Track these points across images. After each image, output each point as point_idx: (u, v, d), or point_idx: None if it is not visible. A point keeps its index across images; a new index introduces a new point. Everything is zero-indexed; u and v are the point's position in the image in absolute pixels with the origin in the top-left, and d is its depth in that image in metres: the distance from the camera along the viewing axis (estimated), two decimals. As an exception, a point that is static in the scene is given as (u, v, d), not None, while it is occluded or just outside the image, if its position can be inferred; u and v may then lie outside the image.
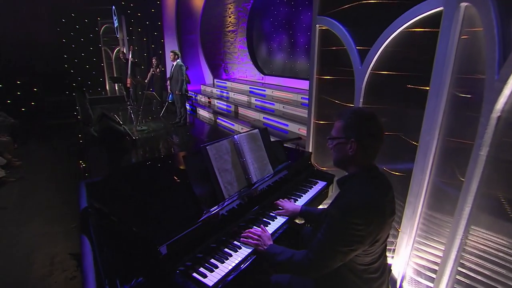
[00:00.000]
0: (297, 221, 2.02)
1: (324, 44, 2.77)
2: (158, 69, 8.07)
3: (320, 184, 2.38)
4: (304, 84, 7.61)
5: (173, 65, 6.67)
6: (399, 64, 2.14)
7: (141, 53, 10.34)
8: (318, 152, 3.01)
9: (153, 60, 8.09)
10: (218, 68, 10.93)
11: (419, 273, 1.92)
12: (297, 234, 1.92)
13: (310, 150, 3.04)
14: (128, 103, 8.88)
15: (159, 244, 1.33)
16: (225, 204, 1.69)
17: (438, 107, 1.72)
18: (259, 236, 1.58)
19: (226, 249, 1.58)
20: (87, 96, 9.14)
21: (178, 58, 6.65)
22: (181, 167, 2.30)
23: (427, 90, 1.81)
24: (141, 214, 1.60)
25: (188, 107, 8.43)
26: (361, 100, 2.35)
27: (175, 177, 2.11)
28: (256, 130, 2.13)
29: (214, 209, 1.62)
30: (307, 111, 3.04)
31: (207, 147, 1.72)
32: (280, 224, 1.83)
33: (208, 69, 10.60)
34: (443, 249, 1.65)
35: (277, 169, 2.18)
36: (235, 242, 1.64)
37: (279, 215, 1.88)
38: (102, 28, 10.56)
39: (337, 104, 2.69)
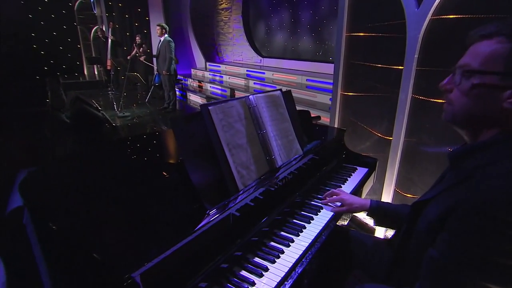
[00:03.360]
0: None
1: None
2: (141, 48, 7.32)
3: (361, 171, 1.81)
4: (307, 66, 7.02)
5: (160, 40, 5.97)
6: (475, 3, 1.56)
7: (123, 32, 9.51)
8: (348, 132, 2.44)
9: (137, 38, 7.33)
10: (211, 50, 10.23)
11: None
12: (345, 241, 1.35)
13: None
14: (109, 88, 8.12)
15: (129, 272, 0.74)
16: (240, 199, 1.11)
17: None
18: None
19: (243, 273, 1.00)
20: (61, 81, 8.33)
21: (166, 33, 5.95)
22: (171, 149, 1.70)
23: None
24: (103, 221, 1.00)
25: (177, 92, 7.75)
26: (415, 56, 1.77)
27: (161, 161, 1.51)
28: (278, 92, 1.54)
29: (222, 209, 1.03)
30: (313, 94, 2.45)
31: (209, 108, 1.12)
32: (322, 225, 1.26)
33: (199, 52, 9.90)
34: None
35: (307, 149, 1.60)
36: (257, 260, 1.05)
37: (337, 211, 1.32)
38: (77, 4, 9.62)
39: (372, 69, 2.11)
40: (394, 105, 1.92)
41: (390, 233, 2.07)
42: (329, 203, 1.36)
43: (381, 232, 2.16)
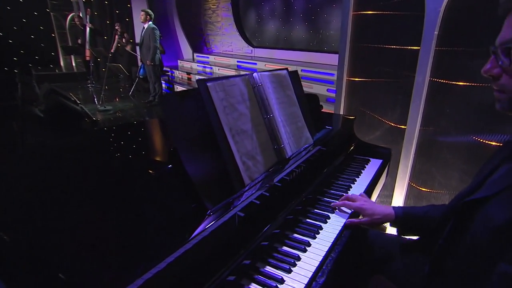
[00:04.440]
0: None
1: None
2: (124, 38, 6.99)
3: (375, 163, 1.67)
4: (301, 56, 6.88)
5: (143, 28, 5.69)
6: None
7: (103, 20, 9.07)
8: (355, 121, 2.29)
9: (116, 26, 6.96)
10: (199, 41, 9.95)
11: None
12: (364, 242, 1.20)
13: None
14: (89, 80, 7.74)
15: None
16: (246, 196, 0.94)
17: None
18: None
19: (253, 287, 0.83)
20: (33, 72, 7.86)
21: (150, 20, 5.67)
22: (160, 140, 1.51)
23: None
24: (74, 230, 0.81)
25: (164, 85, 7.47)
26: (435, 33, 1.63)
27: (147, 156, 1.32)
28: (285, 71, 1.37)
29: (226, 208, 0.87)
30: (309, 84, 2.32)
31: (208, 84, 0.94)
32: (342, 225, 1.10)
33: (186, 42, 9.61)
34: None
35: (317, 138, 1.44)
36: (269, 271, 0.89)
37: (355, 224, 1.14)
38: (49, -12, 9.07)
39: (382, 52, 1.97)
40: (409, 91, 1.78)
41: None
42: (340, 209, 1.19)
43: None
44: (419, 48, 1.69)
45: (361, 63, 2.20)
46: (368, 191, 1.39)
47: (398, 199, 1.96)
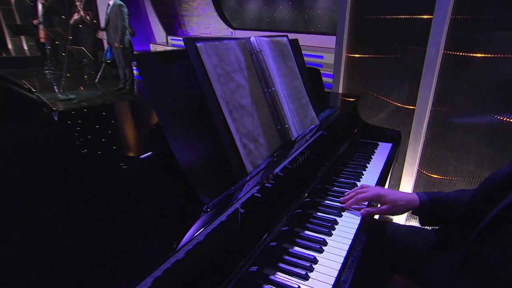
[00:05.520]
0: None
1: None
2: (88, 16, 6.53)
3: (384, 148, 1.57)
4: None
5: (108, 5, 5.32)
6: None
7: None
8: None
9: (76, 1, 6.47)
10: (173, 22, 9.58)
11: None
12: (382, 237, 1.10)
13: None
14: (46, 66, 7.20)
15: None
16: (249, 186, 0.79)
17: None
18: None
19: (266, 300, 0.70)
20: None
21: (116, -5, 5.32)
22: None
23: None
24: (26, 242, 0.63)
25: (135, 71, 7.11)
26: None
27: (117, 147, 1.14)
28: (285, 38, 1.22)
29: (226, 202, 0.72)
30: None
31: (197, 44, 0.78)
32: (361, 217, 0.99)
33: (159, 24, 9.22)
34: None
35: (322, 118, 1.32)
36: (281, 279, 0.76)
37: (373, 213, 1.01)
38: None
39: (387, 23, 1.86)
40: (418, 66, 1.69)
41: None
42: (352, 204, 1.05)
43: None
44: (431, 17, 1.59)
45: (362, 37, 2.09)
46: (382, 179, 1.29)
47: (407, 188, 1.88)
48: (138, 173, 0.78)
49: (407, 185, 1.88)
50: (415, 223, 1.86)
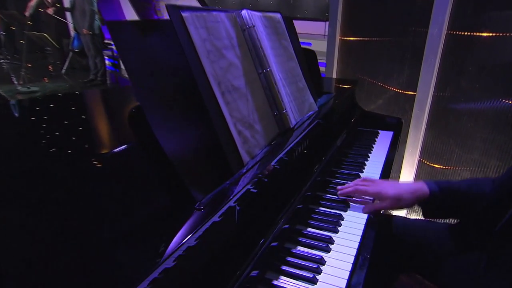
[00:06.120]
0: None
1: None
2: (50, -1, 6.22)
3: (385, 136, 1.55)
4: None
5: (74, -15, 5.09)
6: None
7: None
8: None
9: None
10: (147, 8, 9.31)
11: None
12: (388, 232, 1.07)
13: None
14: (1, 55, 6.81)
15: None
16: (246, 179, 0.73)
17: None
18: None
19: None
20: None
21: (82, -24, 5.08)
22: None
23: None
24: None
25: (107, 61, 6.86)
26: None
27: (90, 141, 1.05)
28: (278, 15, 1.16)
29: (221, 199, 0.66)
30: None
31: (183, 14, 0.70)
32: (364, 224, 0.94)
33: (131, 9, 8.94)
34: None
35: (320, 104, 1.27)
36: (283, 284, 0.70)
37: (377, 209, 0.96)
38: None
39: (384, 2, 1.83)
40: (419, 49, 1.67)
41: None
42: (355, 198, 1.01)
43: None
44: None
45: (357, 19, 2.05)
46: (386, 169, 1.26)
47: (407, 179, 1.87)
48: (115, 169, 0.70)
49: (407, 176, 1.87)
50: (416, 216, 1.86)
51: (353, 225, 0.91)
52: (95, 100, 1.32)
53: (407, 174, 1.87)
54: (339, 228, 0.89)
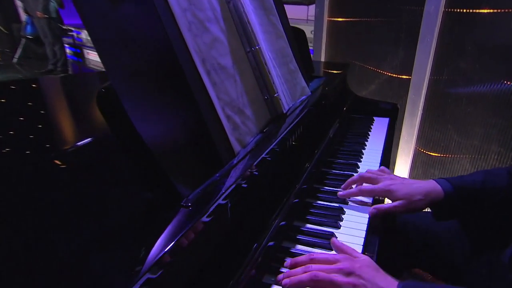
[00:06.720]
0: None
1: None
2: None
3: (381, 123, 1.54)
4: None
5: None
6: None
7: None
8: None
9: None
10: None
11: None
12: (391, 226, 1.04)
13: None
14: None
15: None
16: (239, 171, 0.68)
17: None
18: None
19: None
20: None
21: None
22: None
23: None
24: None
25: (68, 50, 6.57)
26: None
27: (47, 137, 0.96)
28: (266, -12, 1.10)
29: (211, 194, 0.61)
30: None
31: (161, -23, 0.64)
32: (368, 218, 0.91)
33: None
34: None
35: (313, 89, 1.23)
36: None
37: (385, 211, 0.88)
38: None
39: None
40: (414, 29, 1.65)
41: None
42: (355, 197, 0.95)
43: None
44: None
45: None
46: (385, 157, 1.24)
47: (402, 169, 1.87)
48: (81, 166, 0.63)
49: (403, 166, 1.87)
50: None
51: (356, 218, 0.88)
52: (52, 88, 1.22)
53: (403, 164, 1.87)
54: (341, 223, 0.85)
